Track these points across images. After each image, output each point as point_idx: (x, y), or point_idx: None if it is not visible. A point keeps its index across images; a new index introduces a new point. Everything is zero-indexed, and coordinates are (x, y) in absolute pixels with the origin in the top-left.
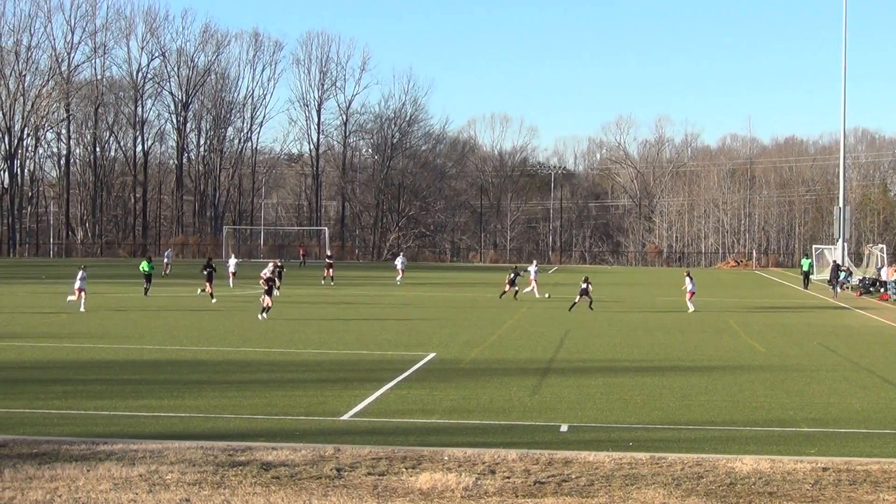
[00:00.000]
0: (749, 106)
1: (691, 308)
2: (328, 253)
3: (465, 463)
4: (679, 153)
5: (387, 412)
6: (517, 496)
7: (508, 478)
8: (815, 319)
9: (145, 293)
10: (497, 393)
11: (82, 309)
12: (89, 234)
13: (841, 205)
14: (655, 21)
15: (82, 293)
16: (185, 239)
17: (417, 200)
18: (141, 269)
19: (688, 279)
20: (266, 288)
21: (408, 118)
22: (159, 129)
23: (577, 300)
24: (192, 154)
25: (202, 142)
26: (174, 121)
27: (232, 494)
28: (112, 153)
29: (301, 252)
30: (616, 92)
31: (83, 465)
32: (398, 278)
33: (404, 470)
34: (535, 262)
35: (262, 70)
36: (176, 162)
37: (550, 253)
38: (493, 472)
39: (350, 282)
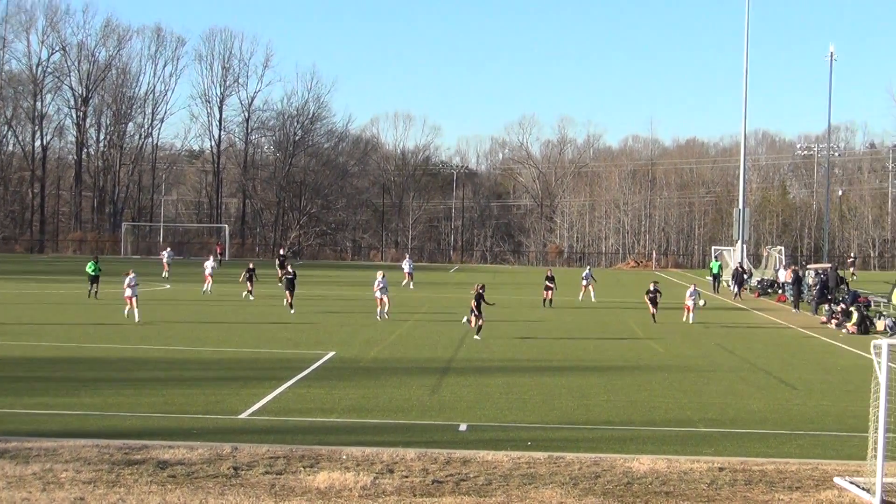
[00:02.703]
0: (651, 108)
1: (691, 320)
2: (281, 252)
3: (364, 462)
4: (581, 154)
5: (285, 411)
6: (415, 495)
7: (407, 477)
8: (713, 320)
9: (93, 295)
10: (396, 392)
11: (137, 319)
12: None
13: (740, 206)
14: (558, 22)
15: (133, 301)
16: (84, 235)
17: (319, 198)
18: (87, 271)
19: (692, 290)
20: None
21: (310, 116)
22: (59, 123)
23: (653, 310)
24: (91, 149)
25: (102, 137)
26: (74, 115)
27: (127, 493)
28: (10, 148)
29: (217, 250)
30: (519, 92)
31: None
32: (407, 283)
33: (302, 469)
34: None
35: (164, 66)
36: (75, 157)
37: (451, 252)
38: (391, 472)
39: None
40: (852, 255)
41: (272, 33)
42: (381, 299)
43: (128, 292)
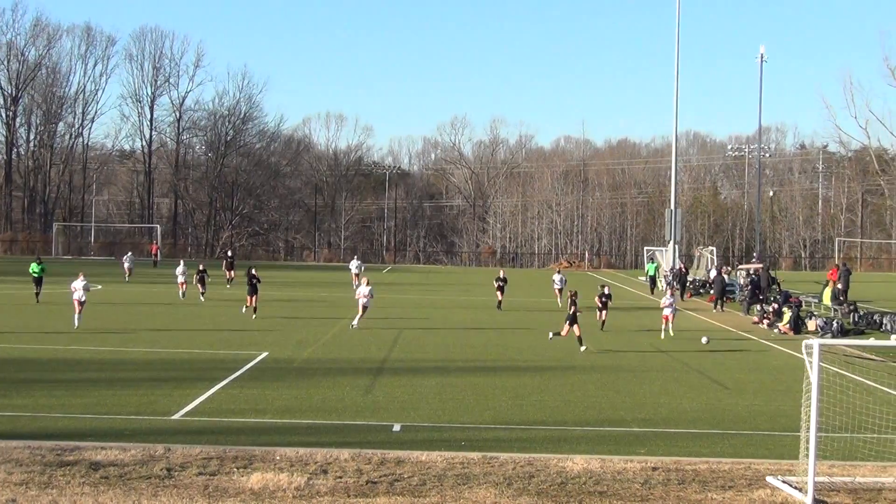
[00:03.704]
0: (582, 108)
1: (666, 335)
2: (229, 254)
3: (297, 463)
4: (513, 154)
5: (218, 412)
6: (349, 496)
7: (341, 477)
8: (646, 320)
9: (37, 298)
10: (330, 392)
11: (76, 324)
12: None
13: (672, 207)
14: (490, 23)
15: (81, 305)
16: (14, 235)
17: (251, 199)
18: (31, 272)
19: (669, 300)
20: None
21: (242, 116)
22: None
23: (602, 316)
24: (21, 149)
25: (32, 137)
26: (3, 115)
27: (60, 494)
28: None
29: (153, 250)
30: (451, 92)
31: None
32: (355, 284)
33: (235, 470)
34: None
35: (95, 65)
36: (5, 157)
37: (384, 252)
38: (325, 472)
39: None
40: (754, 255)
41: (203, 33)
42: (363, 307)
43: (76, 295)
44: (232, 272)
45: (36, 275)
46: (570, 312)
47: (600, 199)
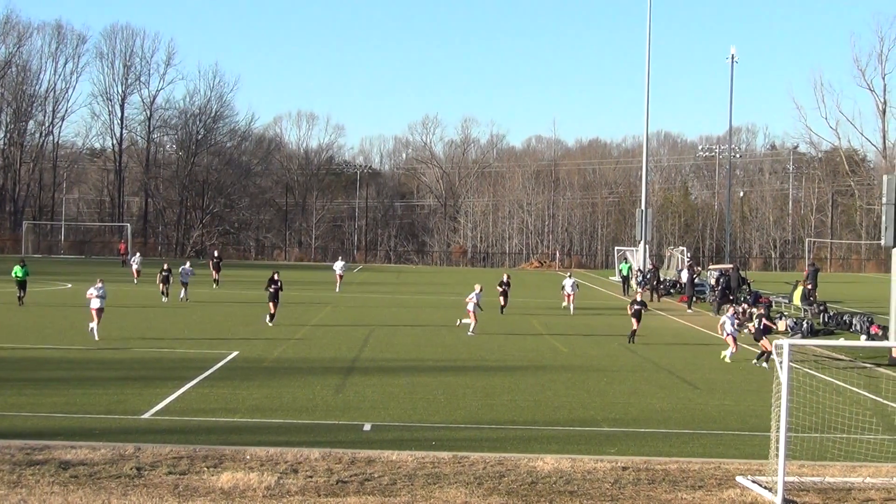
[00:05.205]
0: (553, 108)
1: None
2: (216, 254)
3: (268, 462)
4: (484, 154)
5: (188, 411)
6: (319, 495)
7: (311, 477)
8: (615, 321)
9: (20, 302)
10: (300, 392)
11: (96, 337)
12: None
13: (643, 207)
14: (461, 22)
15: (99, 315)
16: None
17: (222, 197)
18: (13, 275)
19: (726, 317)
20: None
21: (213, 114)
22: None
23: (636, 327)
24: None
25: (2, 135)
26: None
27: (29, 494)
28: None
29: (121, 250)
30: (422, 92)
31: None
32: (338, 286)
33: (206, 469)
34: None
35: (65, 63)
36: None
37: (355, 252)
38: (295, 472)
39: (154, 279)
40: (688, 257)
41: (174, 31)
42: (472, 313)
43: (95, 304)
44: (218, 273)
45: (19, 278)
46: (760, 327)
47: (571, 198)
